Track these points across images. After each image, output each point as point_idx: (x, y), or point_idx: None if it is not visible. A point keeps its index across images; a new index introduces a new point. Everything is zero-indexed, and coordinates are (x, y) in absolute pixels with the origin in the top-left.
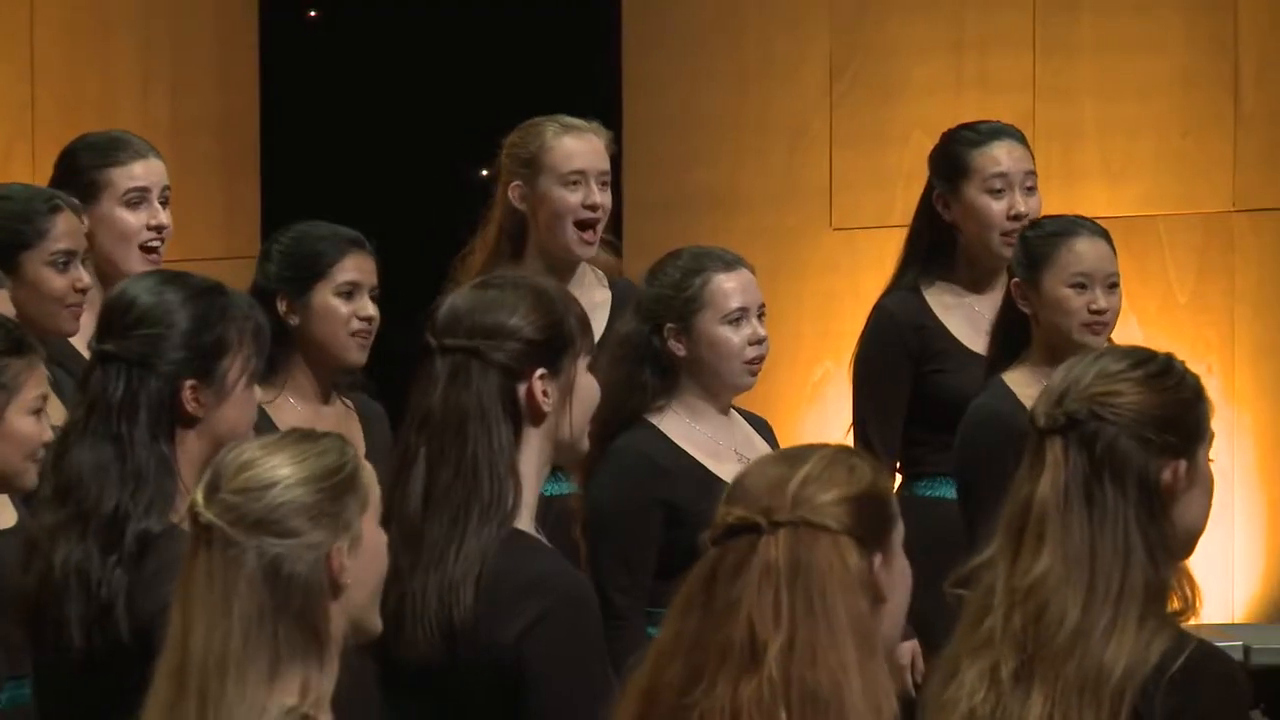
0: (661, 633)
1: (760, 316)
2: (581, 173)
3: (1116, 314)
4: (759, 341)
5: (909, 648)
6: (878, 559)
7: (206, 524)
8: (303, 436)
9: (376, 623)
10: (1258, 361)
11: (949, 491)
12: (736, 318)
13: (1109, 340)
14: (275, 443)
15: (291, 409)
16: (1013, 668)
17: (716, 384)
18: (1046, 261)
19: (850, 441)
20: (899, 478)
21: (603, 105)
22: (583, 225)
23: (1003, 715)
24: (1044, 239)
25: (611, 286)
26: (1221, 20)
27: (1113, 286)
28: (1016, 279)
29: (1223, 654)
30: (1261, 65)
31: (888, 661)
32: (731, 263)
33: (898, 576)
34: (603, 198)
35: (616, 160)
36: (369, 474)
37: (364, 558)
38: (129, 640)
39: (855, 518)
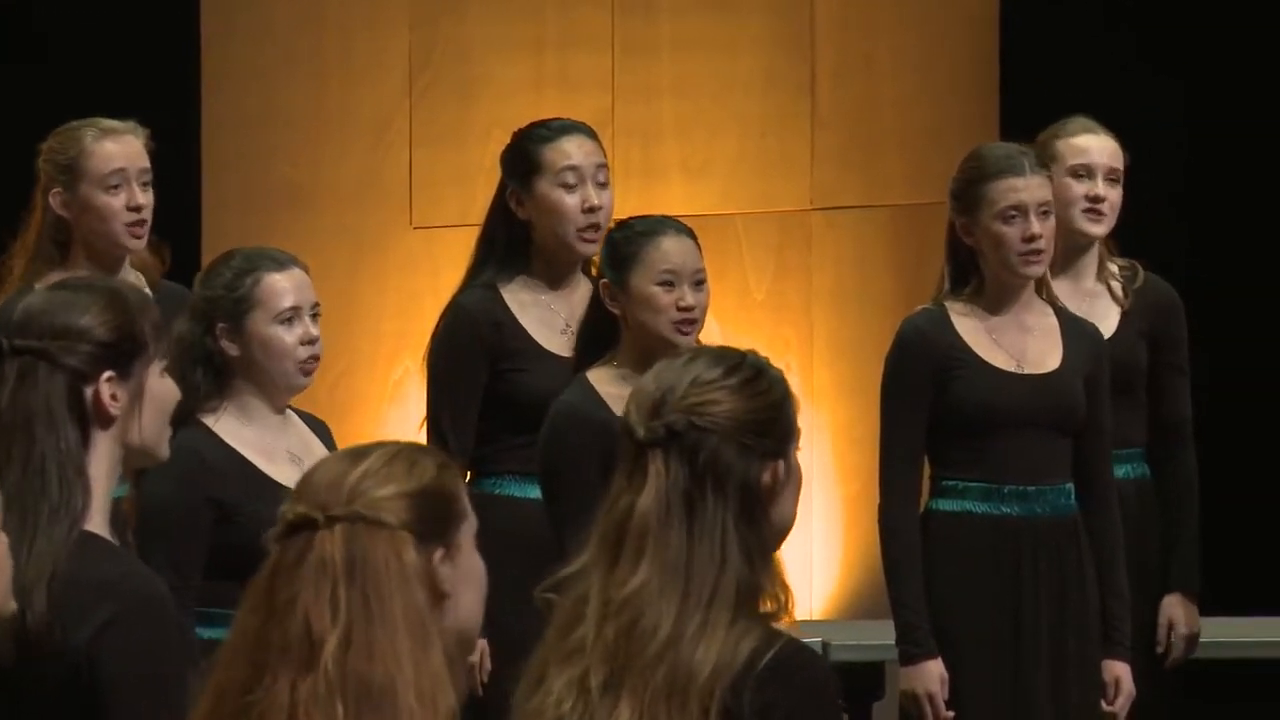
0: (230, 631)
1: (314, 316)
2: (122, 173)
3: (705, 311)
4: (312, 341)
5: (479, 645)
6: (439, 554)
7: None
8: None
9: None
10: (835, 360)
11: (519, 490)
12: (288, 317)
13: (697, 339)
14: None
15: None
16: (602, 677)
17: (269, 384)
18: (634, 260)
19: (424, 438)
20: (470, 475)
21: (180, 100)
22: (128, 225)
23: None
24: (630, 238)
25: (152, 288)
26: (798, 22)
27: (700, 284)
28: (605, 279)
29: (810, 650)
30: (837, 66)
31: (459, 658)
32: (284, 262)
33: (464, 572)
34: (145, 197)
35: (195, 157)
36: None
37: None
38: None
39: (413, 513)
